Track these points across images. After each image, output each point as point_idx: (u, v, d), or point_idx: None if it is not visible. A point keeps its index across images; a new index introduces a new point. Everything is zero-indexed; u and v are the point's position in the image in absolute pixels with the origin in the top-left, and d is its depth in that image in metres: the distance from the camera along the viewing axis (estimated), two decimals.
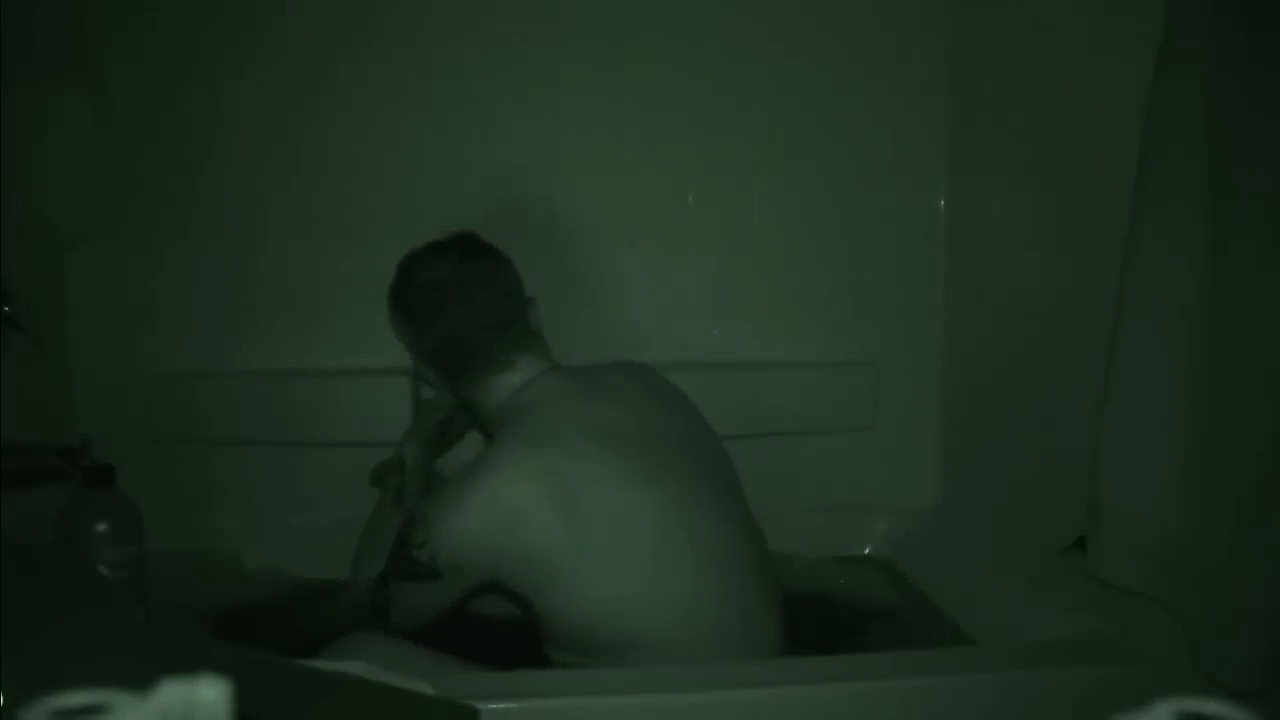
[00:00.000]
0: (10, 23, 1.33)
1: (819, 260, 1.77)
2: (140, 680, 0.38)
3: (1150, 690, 0.42)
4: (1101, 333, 1.14)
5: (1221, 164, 1.01)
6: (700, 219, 1.74)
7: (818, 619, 1.49)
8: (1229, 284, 1.01)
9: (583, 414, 1.30)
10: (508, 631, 1.39)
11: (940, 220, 1.77)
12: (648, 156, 1.72)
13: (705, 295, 1.76)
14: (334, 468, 1.63)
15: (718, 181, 1.74)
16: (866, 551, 1.77)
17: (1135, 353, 1.10)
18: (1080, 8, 1.42)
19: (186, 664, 0.39)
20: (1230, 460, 1.01)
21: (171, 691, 0.37)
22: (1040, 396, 1.51)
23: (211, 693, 0.38)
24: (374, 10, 1.66)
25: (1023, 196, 1.57)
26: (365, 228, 1.67)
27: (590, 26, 1.69)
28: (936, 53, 1.73)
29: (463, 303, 1.35)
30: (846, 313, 1.79)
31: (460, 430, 1.54)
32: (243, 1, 1.63)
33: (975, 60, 1.69)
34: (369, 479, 1.51)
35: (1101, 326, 1.14)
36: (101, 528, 1.10)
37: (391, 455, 1.50)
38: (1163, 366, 1.08)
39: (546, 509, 1.21)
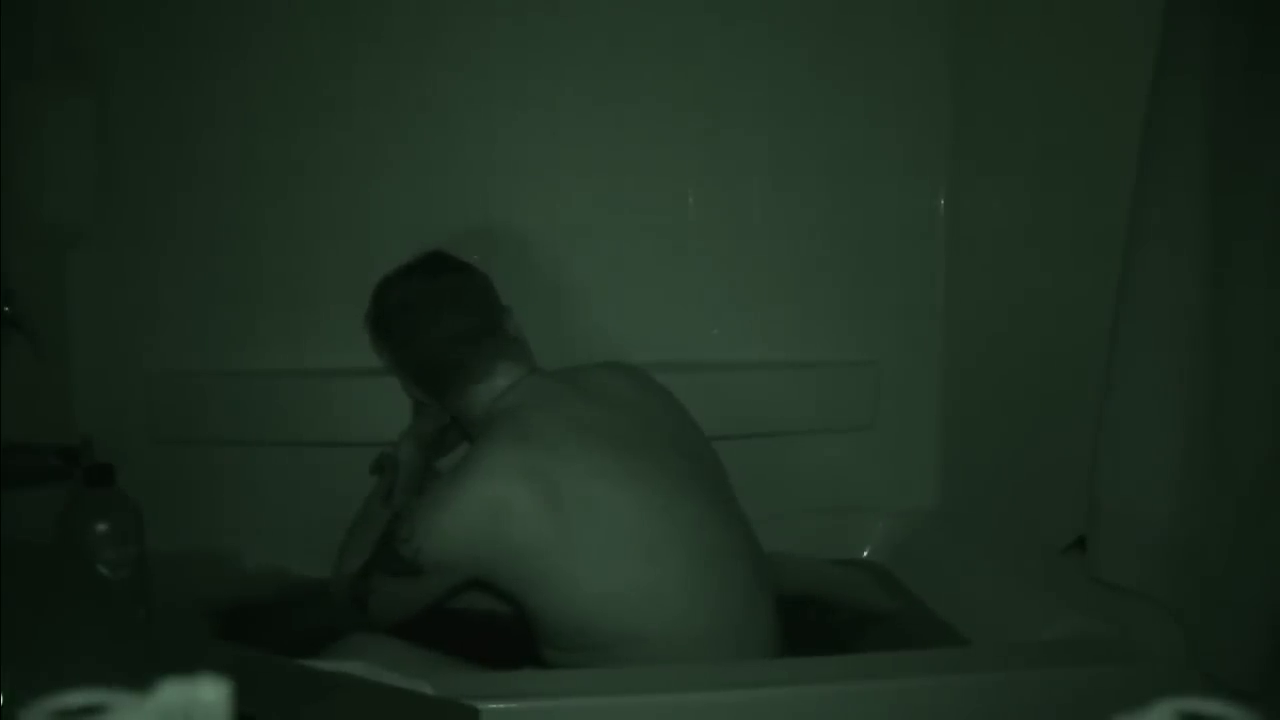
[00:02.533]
0: (10, 23, 1.33)
1: (819, 260, 1.77)
2: (140, 680, 0.38)
3: (1150, 690, 0.42)
4: (1101, 332, 1.14)
5: (1221, 164, 1.01)
6: (700, 219, 1.74)
7: (816, 621, 1.49)
8: (1229, 284, 1.01)
9: (565, 413, 1.31)
10: (506, 631, 1.39)
11: (940, 220, 1.77)
12: (648, 156, 1.71)
13: (705, 295, 1.75)
14: (334, 468, 1.63)
15: (718, 181, 1.74)
16: (866, 552, 1.77)
17: (1135, 352, 1.10)
18: (1080, 8, 1.42)
19: (186, 664, 0.39)
20: (1230, 460, 1.01)
21: (171, 691, 0.37)
22: (1040, 396, 1.51)
23: (211, 693, 0.38)
24: (374, 10, 1.65)
25: (1023, 196, 1.57)
26: (365, 228, 1.67)
27: (590, 26, 1.68)
28: (936, 53, 1.73)
29: (434, 320, 1.39)
30: (846, 313, 1.78)
31: (459, 436, 1.55)
32: (242, 2, 1.63)
33: (975, 60, 1.68)
34: (369, 467, 1.52)
35: (1101, 326, 1.15)
36: (101, 528, 1.10)
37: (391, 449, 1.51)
38: (1163, 366, 1.08)
39: (530, 506, 1.21)
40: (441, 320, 1.38)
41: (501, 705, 1.06)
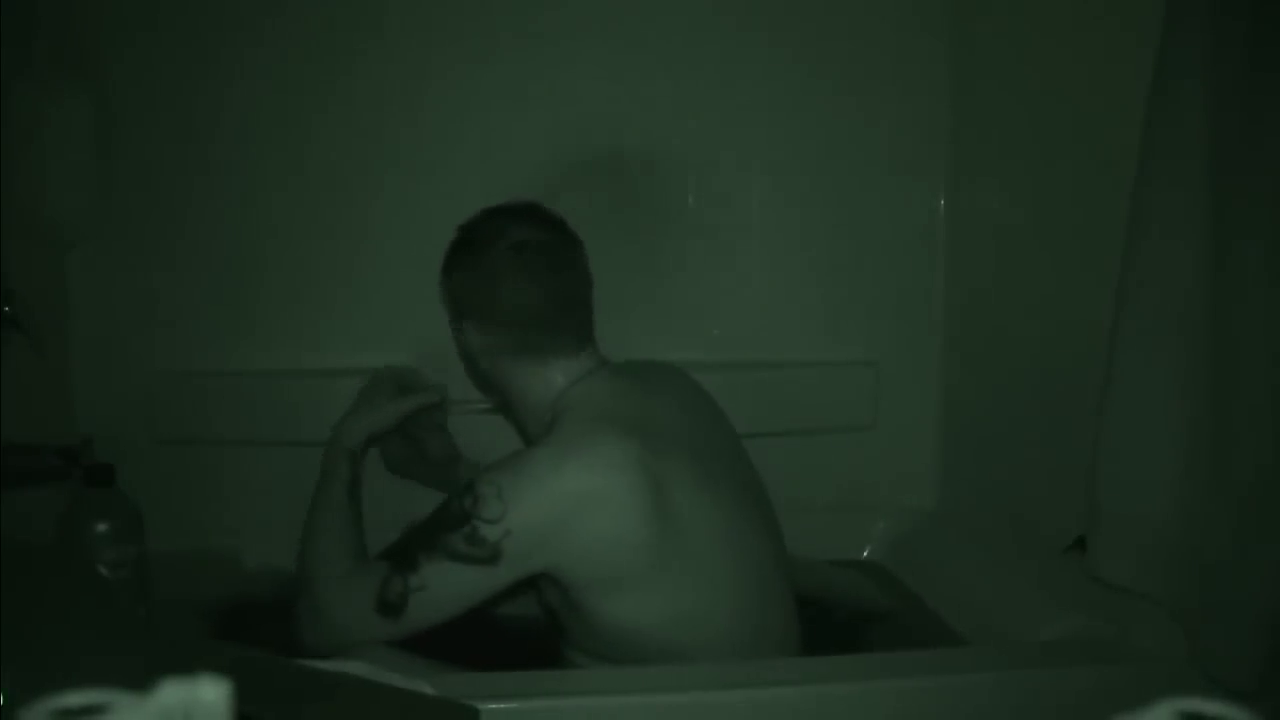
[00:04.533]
0: (10, 23, 1.33)
1: (819, 260, 1.77)
2: (140, 680, 0.38)
3: (1150, 690, 0.42)
4: (1101, 333, 1.14)
5: (1221, 164, 1.01)
6: (700, 219, 1.74)
7: (816, 622, 1.48)
8: (1229, 284, 1.01)
9: (654, 415, 1.23)
10: (507, 634, 1.39)
11: (940, 220, 1.77)
12: (648, 155, 1.71)
13: (705, 295, 1.75)
14: None
15: (718, 181, 1.74)
16: (865, 552, 1.77)
17: (1135, 353, 1.10)
18: (1080, 8, 1.42)
19: (186, 664, 0.39)
20: (1230, 460, 1.01)
21: (171, 691, 0.37)
22: (1040, 396, 1.51)
23: (211, 693, 0.38)
24: (374, 10, 1.65)
25: (1023, 196, 1.57)
26: (365, 227, 1.67)
27: (590, 27, 1.68)
28: (937, 53, 1.73)
29: (555, 272, 1.24)
30: (846, 313, 1.78)
31: (439, 450, 1.49)
32: (242, 2, 1.63)
33: (975, 60, 1.68)
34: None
35: (1101, 326, 1.15)
36: (101, 528, 1.10)
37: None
38: (1163, 367, 1.08)
39: (640, 502, 1.13)
40: (559, 276, 1.24)
41: (501, 705, 1.06)
